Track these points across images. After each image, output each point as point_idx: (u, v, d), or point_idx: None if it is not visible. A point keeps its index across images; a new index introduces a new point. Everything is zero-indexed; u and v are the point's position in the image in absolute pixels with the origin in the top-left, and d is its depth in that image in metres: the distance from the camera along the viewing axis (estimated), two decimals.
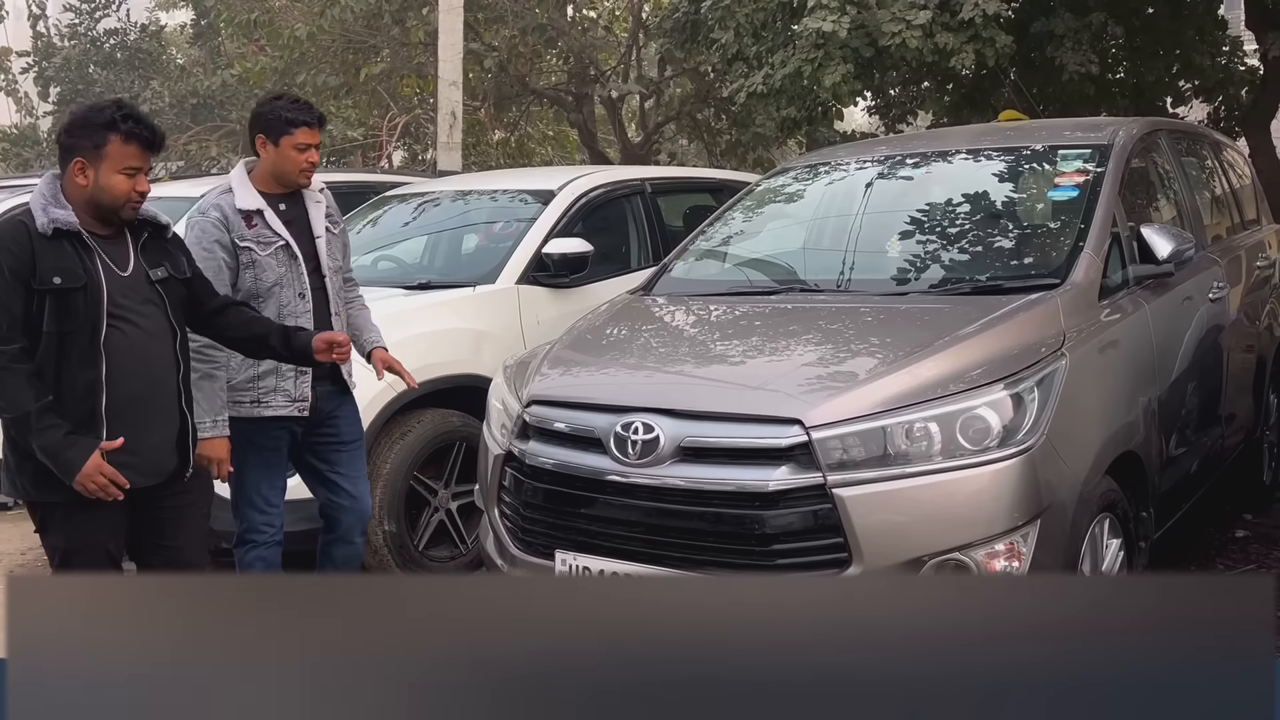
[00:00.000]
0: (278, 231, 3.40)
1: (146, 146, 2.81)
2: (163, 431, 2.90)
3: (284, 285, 3.39)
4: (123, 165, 2.77)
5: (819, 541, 2.84)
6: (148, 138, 2.81)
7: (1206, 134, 5.89)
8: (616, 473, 3.07)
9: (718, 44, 8.65)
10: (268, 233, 3.39)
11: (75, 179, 2.77)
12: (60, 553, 2.85)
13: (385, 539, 4.42)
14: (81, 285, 2.72)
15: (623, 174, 6.36)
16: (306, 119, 3.44)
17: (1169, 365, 3.79)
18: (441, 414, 4.64)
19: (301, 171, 3.45)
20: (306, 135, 3.43)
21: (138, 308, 2.83)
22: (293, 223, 3.47)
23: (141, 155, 2.81)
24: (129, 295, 2.81)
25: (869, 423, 2.87)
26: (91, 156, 2.76)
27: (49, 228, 2.71)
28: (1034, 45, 9.52)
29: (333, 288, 3.52)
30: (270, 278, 3.38)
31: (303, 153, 3.43)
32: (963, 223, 3.96)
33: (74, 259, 2.73)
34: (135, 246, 2.88)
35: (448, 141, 8.50)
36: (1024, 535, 2.85)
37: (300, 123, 3.42)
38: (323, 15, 11.69)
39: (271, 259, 3.38)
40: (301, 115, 3.43)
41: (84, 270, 2.73)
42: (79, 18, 19.13)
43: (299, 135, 3.41)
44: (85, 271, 2.73)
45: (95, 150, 2.76)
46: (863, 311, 3.57)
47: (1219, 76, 10.70)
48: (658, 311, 4.01)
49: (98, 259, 2.77)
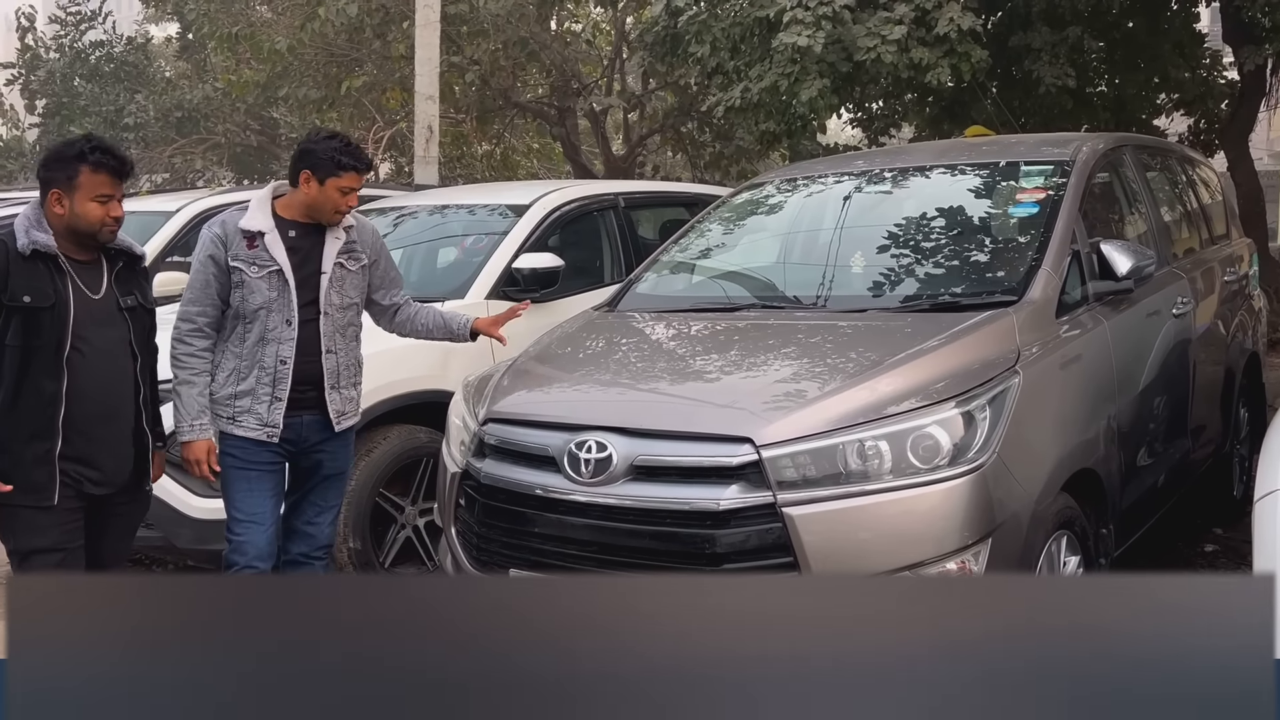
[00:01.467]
0: (274, 256, 3.37)
1: (115, 174, 3.03)
2: (119, 447, 3.11)
3: (271, 310, 3.36)
4: (95, 193, 2.99)
5: (769, 561, 2.83)
6: (116, 167, 3.03)
7: (1174, 149, 5.91)
8: (570, 491, 3.06)
9: (695, 58, 8.68)
10: (265, 256, 3.37)
11: (54, 209, 3.00)
12: (17, 557, 3.03)
13: (350, 556, 4.40)
14: (49, 305, 2.93)
15: (596, 188, 6.36)
16: (357, 165, 3.40)
17: (1130, 381, 3.79)
18: (408, 430, 4.63)
19: (337, 212, 3.42)
20: (353, 180, 3.39)
21: (103, 330, 3.04)
22: (299, 251, 3.42)
23: (112, 183, 3.02)
24: (97, 318, 3.03)
25: (819, 441, 2.86)
26: (66, 187, 2.99)
27: (28, 248, 2.93)
28: (1013, 59, 9.56)
29: (330, 325, 3.44)
30: (257, 300, 3.36)
31: (345, 196, 3.39)
32: (923, 239, 3.97)
33: (47, 280, 2.95)
34: (110, 274, 3.10)
35: (424, 155, 8.50)
36: (975, 554, 2.85)
37: (350, 167, 3.38)
38: (303, 29, 11.70)
39: (262, 282, 3.36)
40: (352, 160, 3.39)
41: (54, 291, 2.95)
42: (64, 30, 19.12)
43: (345, 179, 3.38)
44: (55, 292, 2.95)
45: (69, 181, 2.99)
46: (819, 329, 3.57)
47: (1198, 90, 10.77)
48: (620, 328, 4.00)
49: (69, 281, 2.99)
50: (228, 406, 3.41)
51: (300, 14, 11.97)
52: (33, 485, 2.94)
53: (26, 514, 2.97)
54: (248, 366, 3.39)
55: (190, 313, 3.41)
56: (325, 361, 3.44)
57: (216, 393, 3.42)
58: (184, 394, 3.37)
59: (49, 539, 2.98)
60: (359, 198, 3.53)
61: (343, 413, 3.52)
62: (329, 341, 3.44)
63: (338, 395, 3.48)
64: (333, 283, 3.45)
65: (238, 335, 3.41)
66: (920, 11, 7.61)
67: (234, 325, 3.42)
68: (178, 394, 3.39)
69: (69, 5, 19.09)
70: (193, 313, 3.41)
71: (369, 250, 3.58)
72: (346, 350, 3.51)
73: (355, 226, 3.55)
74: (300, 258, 3.42)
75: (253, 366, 3.38)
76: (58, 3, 19.77)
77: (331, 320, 3.45)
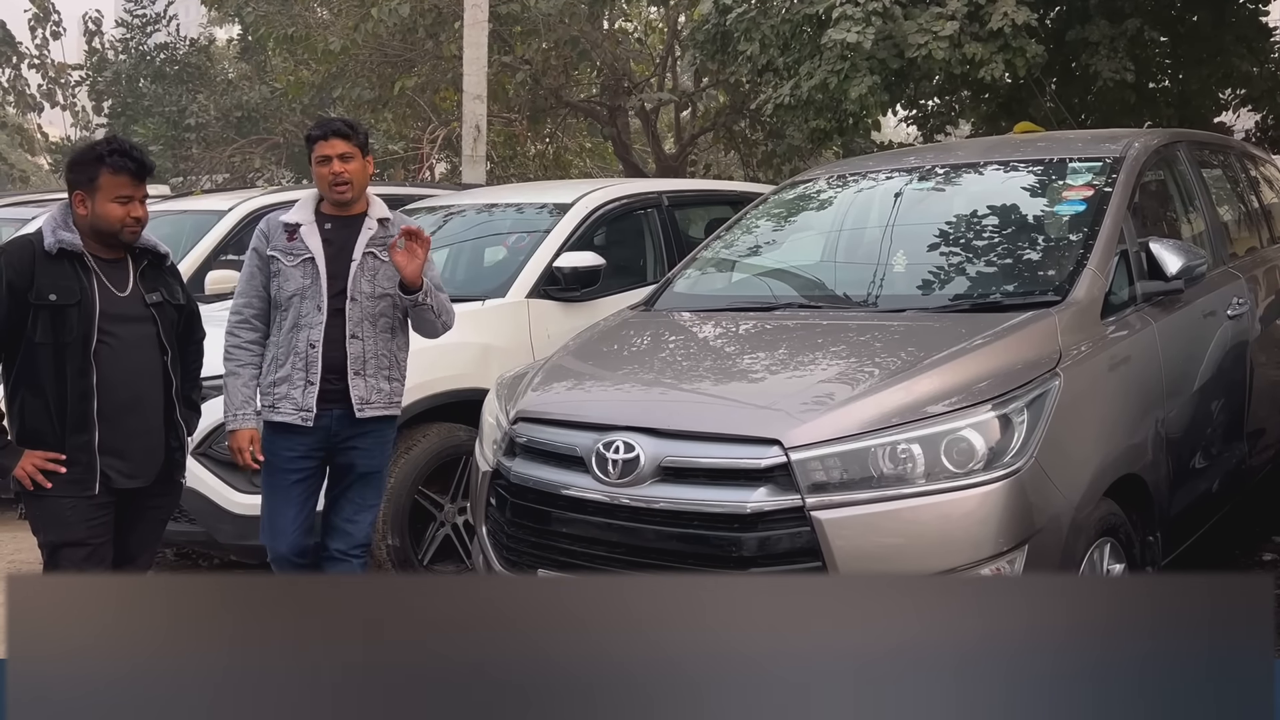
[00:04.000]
0: (309, 246, 3.52)
1: (135, 176, 3.08)
2: (149, 439, 3.15)
3: (304, 297, 3.49)
4: (115, 194, 3.05)
5: (798, 565, 2.78)
6: (135, 169, 3.08)
7: (1234, 145, 5.73)
8: (597, 492, 3.04)
9: (745, 55, 8.61)
10: (300, 246, 3.52)
11: (78, 210, 3.08)
12: (48, 549, 3.09)
13: (389, 553, 4.43)
14: (75, 302, 3.01)
15: (639, 187, 6.33)
16: (323, 132, 3.53)
17: (1181, 384, 3.67)
18: (448, 428, 4.64)
19: (332, 186, 3.51)
20: (324, 147, 3.50)
21: (130, 325, 3.11)
22: (334, 243, 3.54)
23: (132, 184, 3.08)
24: (123, 313, 3.10)
25: (850, 444, 2.80)
26: (88, 189, 3.06)
27: (54, 247, 3.02)
28: (1071, 54, 9.36)
29: (358, 311, 3.51)
30: (291, 288, 3.50)
31: (325, 165, 3.51)
32: (967, 238, 3.88)
33: (72, 278, 3.03)
34: (135, 272, 3.17)
35: (472, 154, 8.54)
36: (1011, 560, 2.77)
37: (318, 136, 3.53)
38: (356, 30, 11.81)
39: (296, 270, 3.50)
40: (320, 129, 3.55)
41: (80, 288, 3.02)
42: (130, 33, 19.56)
43: (318, 148, 3.52)
44: (81, 290, 3.02)
45: (90, 183, 3.06)
46: (857, 329, 3.50)
47: (1266, 85, 10.46)
48: (655, 327, 3.97)
49: (95, 279, 3.06)
50: (269, 394, 3.53)
51: (355, 15, 12.09)
52: (72, 477, 3.01)
53: (60, 506, 3.02)
54: (284, 354, 3.51)
55: (238, 304, 3.60)
56: (349, 346, 3.49)
57: (262, 383, 3.55)
58: (230, 384, 3.53)
59: (79, 533, 3.04)
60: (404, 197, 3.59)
61: (366, 400, 3.52)
62: (354, 327, 3.50)
63: (361, 382, 3.51)
64: (363, 270, 3.53)
65: (276, 324, 3.56)
66: (973, 6, 7.47)
67: (275, 316, 3.57)
68: (226, 384, 3.56)
69: (135, 9, 19.53)
70: (240, 304, 3.60)
71: None
72: (375, 339, 3.54)
73: (390, 220, 3.62)
74: (335, 249, 3.54)
75: (289, 353, 3.50)
76: (124, 6, 20.24)
77: (360, 307, 3.51)
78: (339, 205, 3.57)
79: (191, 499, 4.00)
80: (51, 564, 3.08)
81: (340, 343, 3.49)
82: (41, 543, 3.10)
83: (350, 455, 3.60)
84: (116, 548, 3.17)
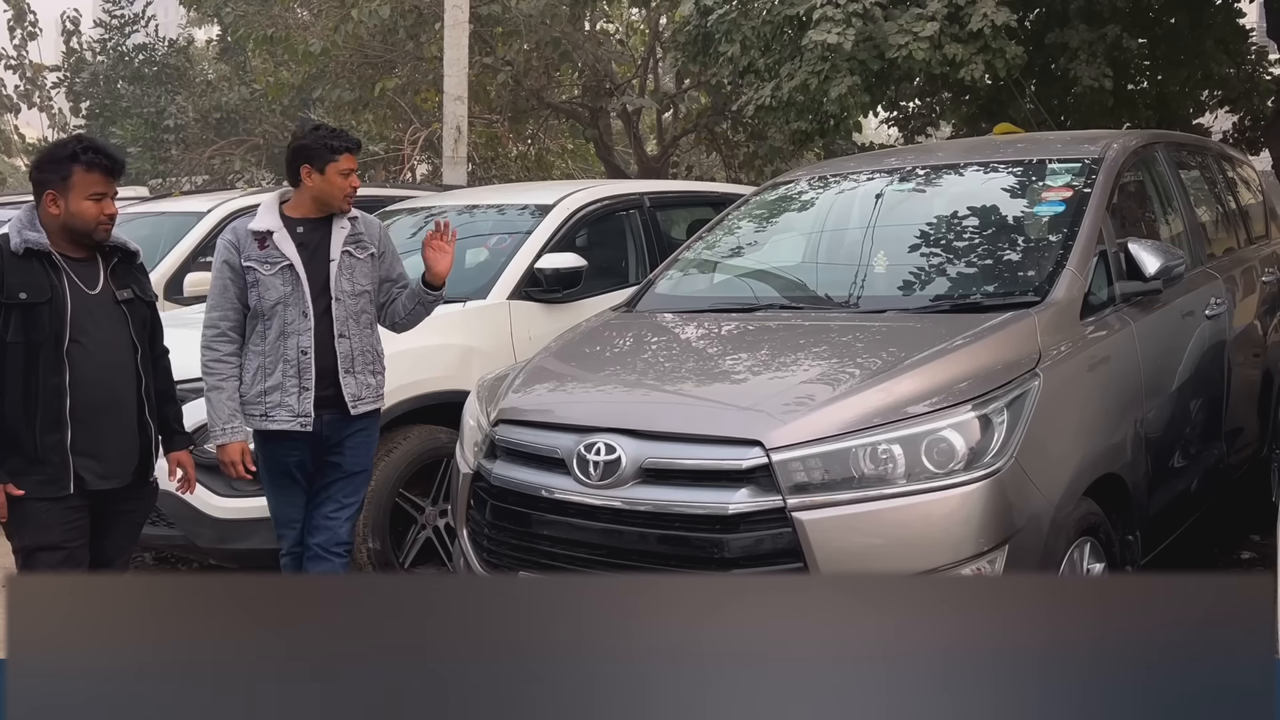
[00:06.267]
0: (284, 253, 3.51)
1: (108, 173, 3.07)
2: (123, 439, 3.14)
3: (288, 304, 3.49)
4: (88, 192, 3.03)
5: (779, 566, 2.78)
6: (108, 165, 3.07)
7: (1212, 146, 5.77)
8: (579, 494, 3.03)
9: (726, 57, 8.62)
10: (275, 254, 3.52)
11: (49, 209, 3.04)
12: (23, 554, 3.07)
13: (370, 556, 4.40)
14: (46, 300, 2.98)
15: (621, 188, 6.33)
16: (348, 146, 3.59)
17: (1159, 383, 3.69)
18: (429, 430, 4.62)
19: (346, 196, 3.57)
20: (349, 161, 3.57)
21: (101, 323, 3.09)
22: (308, 246, 3.55)
23: (105, 181, 3.06)
24: (94, 312, 3.07)
25: (831, 444, 2.81)
26: (60, 188, 3.03)
27: (21, 247, 2.99)
28: (1051, 56, 9.41)
29: (342, 310, 3.54)
30: (273, 296, 3.49)
31: (346, 178, 3.55)
32: (948, 239, 3.89)
33: (42, 276, 3.00)
34: (106, 269, 3.14)
35: (453, 156, 8.52)
36: (992, 560, 2.78)
37: (343, 149, 3.57)
38: (337, 30, 11.76)
39: (275, 278, 3.49)
40: (344, 142, 3.60)
41: (50, 287, 3.00)
42: (108, 33, 19.42)
43: (343, 162, 3.55)
44: (51, 288, 3.00)
45: (63, 181, 3.03)
46: (838, 330, 3.50)
47: (1243, 87, 10.54)
48: (635, 329, 3.96)
49: (65, 278, 3.03)
50: (258, 405, 3.52)
51: (335, 16, 12.04)
52: (46, 477, 2.99)
53: (36, 509, 3.00)
54: (272, 363, 3.50)
55: (213, 318, 3.56)
56: (339, 345, 3.54)
57: (245, 393, 3.53)
58: (214, 399, 3.52)
59: (53, 536, 3.01)
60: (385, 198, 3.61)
61: (359, 397, 3.59)
62: (341, 326, 3.55)
63: (353, 380, 3.57)
64: (342, 270, 3.56)
65: (258, 334, 3.54)
66: (953, 7, 7.50)
67: (254, 325, 3.55)
68: (209, 399, 3.54)
69: (113, 9, 19.40)
70: (215, 318, 3.56)
71: (375, 241, 3.68)
72: (360, 336, 3.60)
73: (360, 219, 3.66)
74: (310, 252, 3.55)
75: (277, 361, 3.50)
76: (102, 7, 20.11)
77: (344, 306, 3.55)
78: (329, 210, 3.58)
79: (170, 503, 3.97)
80: (27, 569, 3.04)
81: (329, 345, 3.52)
82: (16, 547, 3.08)
83: (339, 455, 3.64)
84: (93, 551, 3.14)
